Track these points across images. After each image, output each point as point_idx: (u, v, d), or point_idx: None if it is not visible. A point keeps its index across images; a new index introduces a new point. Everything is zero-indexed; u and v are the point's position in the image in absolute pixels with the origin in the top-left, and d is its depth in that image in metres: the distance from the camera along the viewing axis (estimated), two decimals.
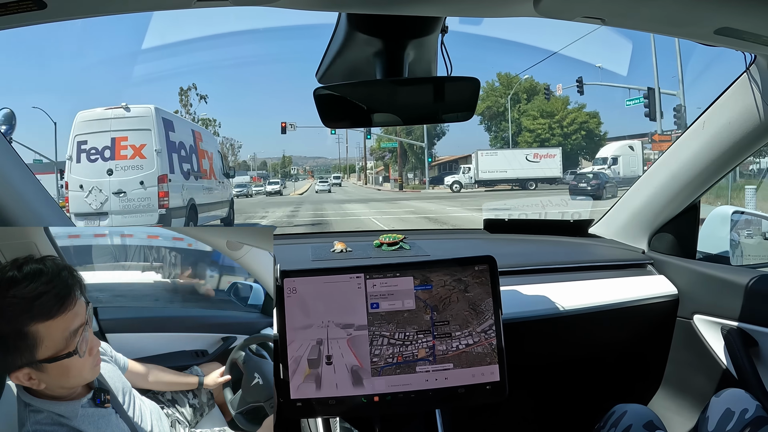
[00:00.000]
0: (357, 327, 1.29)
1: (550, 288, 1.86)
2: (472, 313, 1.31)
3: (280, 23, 32.83)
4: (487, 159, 35.39)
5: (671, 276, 1.98)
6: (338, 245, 2.09)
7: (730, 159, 1.72)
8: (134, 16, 2.03)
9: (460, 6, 1.07)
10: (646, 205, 2.05)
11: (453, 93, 1.28)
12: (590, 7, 1.00)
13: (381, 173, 52.89)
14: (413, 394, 1.28)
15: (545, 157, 35.27)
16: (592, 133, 42.49)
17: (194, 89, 42.43)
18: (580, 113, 42.05)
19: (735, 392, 1.38)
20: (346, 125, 1.32)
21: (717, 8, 0.98)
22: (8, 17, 0.89)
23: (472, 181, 35.02)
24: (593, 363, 2.18)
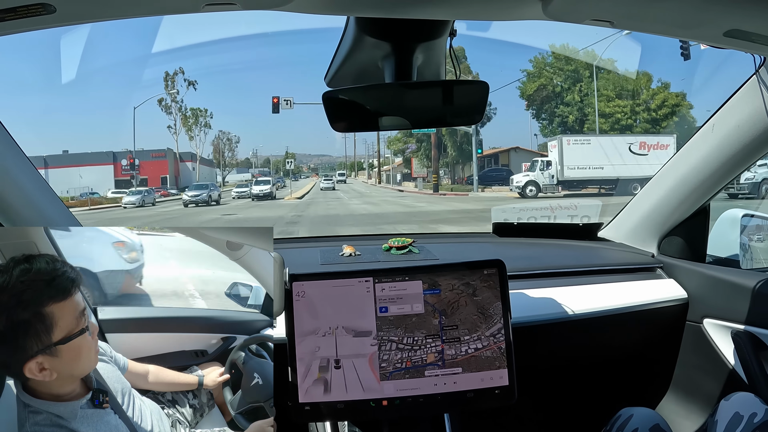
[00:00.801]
0: (365, 330, 1.29)
1: (559, 292, 1.86)
2: (481, 317, 1.31)
3: (289, 27, 32.37)
4: (575, 150, 25.03)
5: (681, 280, 1.97)
6: (347, 249, 2.09)
7: (740, 162, 1.71)
8: (144, 20, 2.03)
9: (469, 9, 1.07)
10: (655, 209, 2.04)
11: (462, 96, 1.28)
12: (599, 9, 1.00)
13: (399, 169, 44.01)
14: (422, 399, 1.28)
15: (655, 147, 24.66)
16: (685, 120, 29.74)
17: (181, 74, 36.92)
18: (669, 94, 30.64)
19: (744, 396, 1.37)
20: (354, 129, 1.33)
21: (726, 10, 0.98)
22: (18, 21, 0.90)
23: (554, 181, 24.77)
24: (602, 367, 2.17)
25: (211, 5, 0.93)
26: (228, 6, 0.95)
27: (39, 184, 1.66)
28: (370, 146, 66.39)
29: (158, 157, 38.10)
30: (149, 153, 37.99)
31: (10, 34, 0.98)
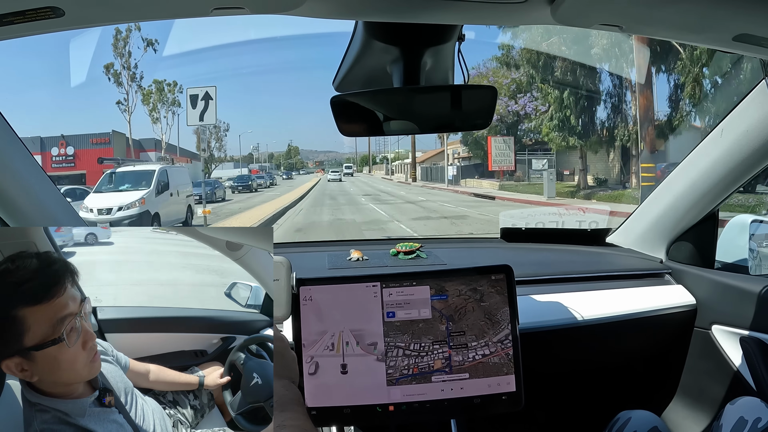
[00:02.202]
0: (373, 335, 1.28)
1: (567, 297, 1.85)
2: (488, 323, 1.30)
3: (298, 32, 31.52)
4: None
5: (689, 286, 1.96)
6: (355, 253, 2.09)
7: (749, 167, 1.71)
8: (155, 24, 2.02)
9: (477, 14, 1.07)
10: (664, 214, 2.04)
11: (470, 101, 1.28)
12: (608, 14, 1.00)
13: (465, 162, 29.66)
14: (428, 404, 1.28)
15: None
16: None
17: (137, 30, 25.17)
18: None
19: (749, 401, 1.37)
20: (362, 133, 1.33)
21: (735, 15, 0.98)
22: (27, 24, 0.91)
23: None
24: (609, 372, 2.16)
25: (219, 9, 0.94)
26: (237, 10, 0.96)
27: (45, 184, 1.67)
28: (379, 142, 63.91)
29: (100, 144, 27.57)
30: (88, 139, 27.74)
31: (19, 37, 0.99)
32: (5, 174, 1.51)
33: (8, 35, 0.96)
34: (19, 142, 1.54)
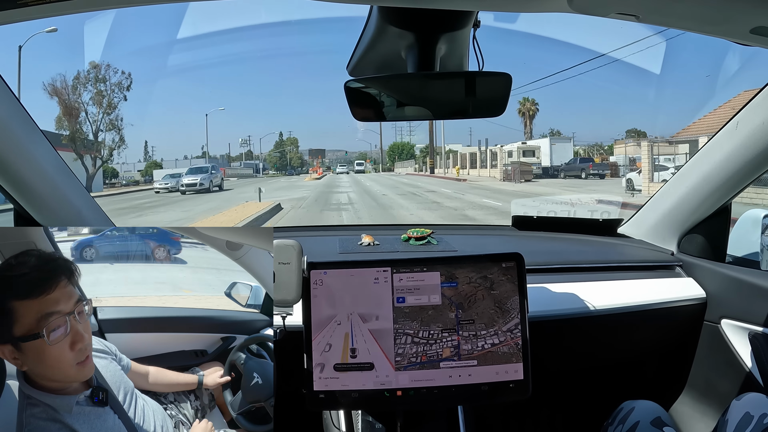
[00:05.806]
0: (382, 320, 1.29)
1: (577, 287, 1.85)
2: (498, 312, 1.31)
3: (312, 15, 30.75)
4: None
5: (700, 279, 1.95)
6: (366, 238, 2.10)
7: (765, 160, 1.69)
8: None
9: (493, 0, 1.07)
10: (676, 206, 2.02)
11: (484, 88, 1.28)
12: (625, 3, 0.99)
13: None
14: (436, 390, 1.28)
15: None
16: None
17: None
18: None
19: (755, 396, 1.36)
20: (376, 118, 1.33)
21: (753, 7, 0.96)
22: (38, 7, 0.91)
23: None
24: (617, 363, 2.16)
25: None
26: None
27: (73, 183, 1.69)
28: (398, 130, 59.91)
29: None
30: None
31: (34, 19, 0.99)
32: (35, 173, 1.53)
33: (24, 17, 0.97)
34: (47, 143, 1.56)
